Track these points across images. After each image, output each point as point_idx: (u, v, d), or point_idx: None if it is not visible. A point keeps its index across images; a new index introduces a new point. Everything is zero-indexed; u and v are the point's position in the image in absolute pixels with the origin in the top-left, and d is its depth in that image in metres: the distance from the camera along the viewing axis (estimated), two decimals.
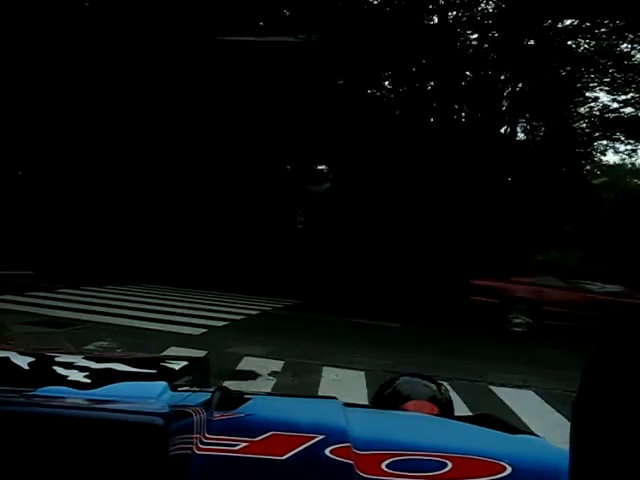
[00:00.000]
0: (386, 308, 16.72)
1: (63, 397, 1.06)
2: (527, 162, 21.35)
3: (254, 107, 19.57)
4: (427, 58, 21.89)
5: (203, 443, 1.05)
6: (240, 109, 19.91)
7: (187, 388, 1.36)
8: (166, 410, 0.99)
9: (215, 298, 16.24)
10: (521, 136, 22.59)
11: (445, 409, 1.78)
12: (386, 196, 19.93)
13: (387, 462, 1.06)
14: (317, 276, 19.51)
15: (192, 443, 1.03)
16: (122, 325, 10.31)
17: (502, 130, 22.09)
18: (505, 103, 22.48)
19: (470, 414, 1.87)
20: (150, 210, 20.69)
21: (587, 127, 22.02)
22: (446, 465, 1.06)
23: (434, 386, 1.88)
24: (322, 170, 20.28)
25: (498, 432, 1.31)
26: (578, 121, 22.32)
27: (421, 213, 19.82)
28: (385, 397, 1.85)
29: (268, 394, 1.96)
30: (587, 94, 22.56)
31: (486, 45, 21.63)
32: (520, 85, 22.00)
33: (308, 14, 18.86)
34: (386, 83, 22.88)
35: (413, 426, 1.37)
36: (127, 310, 11.99)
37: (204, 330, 10.72)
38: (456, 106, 21.77)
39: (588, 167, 23.36)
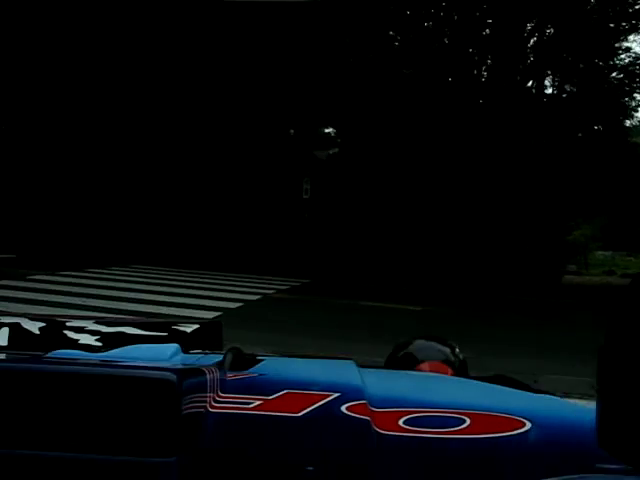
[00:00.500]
0: (403, 288, 14.86)
1: (75, 358, 1.10)
2: (557, 119, 19.24)
3: (252, 64, 17.55)
4: (444, 6, 19.75)
5: (217, 401, 1.08)
6: (236, 67, 17.90)
7: (199, 351, 1.35)
8: (179, 367, 1.07)
9: (209, 280, 14.44)
10: (549, 91, 20.42)
11: (459, 371, 1.78)
12: (401, 161, 17.94)
13: (404, 419, 1.08)
14: (326, 251, 17.65)
15: (206, 401, 1.06)
16: None
17: (528, 85, 19.95)
18: (531, 55, 20.31)
19: (485, 375, 1.57)
20: (142, 183, 18.80)
21: (623, 79, 19.76)
22: (464, 421, 1.09)
23: (448, 349, 1.91)
24: (329, 134, 18.25)
25: (516, 390, 1.32)
26: (611, 73, 20.08)
27: (440, 178, 17.82)
28: (399, 359, 1.87)
29: (281, 355, 1.91)
30: (619, 43, 20.34)
31: None
32: (548, 32, 19.83)
33: None
34: (399, 37, 20.68)
35: (429, 385, 1.40)
36: (101, 301, 10.15)
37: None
38: (476, 58, 19.64)
39: (628, 122, 21.04)
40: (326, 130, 18.16)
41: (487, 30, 19.94)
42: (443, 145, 18.08)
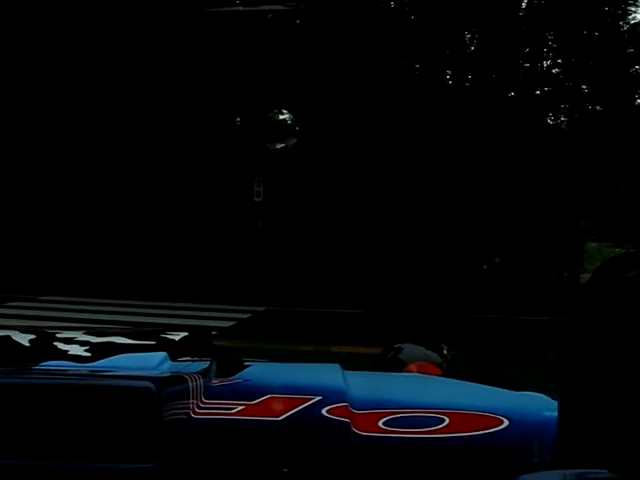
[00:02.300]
0: (387, 319, 11.35)
1: (63, 369, 1.16)
2: (563, 96, 15.98)
3: (182, 33, 13.90)
4: None
5: (200, 408, 1.15)
6: (166, 38, 14.23)
7: (187, 358, 1.40)
8: (157, 375, 1.11)
9: (132, 313, 10.89)
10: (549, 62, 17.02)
11: (448, 371, 1.82)
12: (376, 151, 14.46)
13: (384, 420, 1.15)
14: (285, 269, 14.05)
15: (189, 408, 1.12)
16: None
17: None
18: (523, 23, 17.00)
19: (475, 373, 1.58)
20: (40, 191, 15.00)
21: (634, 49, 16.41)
22: (443, 420, 1.15)
23: (436, 350, 1.97)
24: (284, 120, 14.72)
25: (499, 389, 1.39)
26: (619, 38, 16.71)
27: (428, 174, 14.43)
28: (386, 361, 1.94)
29: (269, 361, 1.75)
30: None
31: None
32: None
33: None
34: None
35: (411, 386, 1.49)
36: None
37: None
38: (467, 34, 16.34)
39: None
40: (280, 116, 14.56)
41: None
42: (427, 133, 14.66)
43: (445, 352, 1.96)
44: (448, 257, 14.91)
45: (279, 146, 14.48)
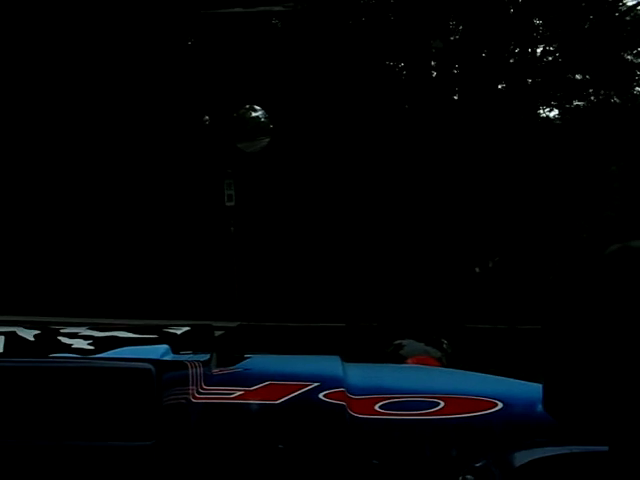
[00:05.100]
0: (376, 334, 10.41)
1: (66, 358, 1.22)
2: (555, 85, 15.14)
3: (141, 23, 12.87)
4: None
5: (200, 393, 1.22)
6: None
7: (189, 351, 1.41)
8: (158, 359, 1.14)
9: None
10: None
11: (448, 364, 1.86)
12: (358, 150, 13.55)
13: (381, 404, 1.22)
14: (259, 279, 13.11)
15: (188, 393, 1.19)
16: None
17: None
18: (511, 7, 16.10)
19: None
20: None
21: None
22: (438, 404, 1.21)
23: (435, 346, 1.99)
24: (257, 118, 13.78)
25: (495, 376, 1.42)
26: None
27: (411, 172, 13.50)
28: (386, 355, 2.02)
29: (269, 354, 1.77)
30: None
31: None
32: None
33: None
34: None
35: (408, 374, 1.60)
36: None
37: None
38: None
39: None
40: (253, 113, 13.63)
41: None
42: (413, 131, 13.81)
43: (445, 346, 1.94)
44: (437, 260, 14.01)
45: (251, 146, 13.55)
